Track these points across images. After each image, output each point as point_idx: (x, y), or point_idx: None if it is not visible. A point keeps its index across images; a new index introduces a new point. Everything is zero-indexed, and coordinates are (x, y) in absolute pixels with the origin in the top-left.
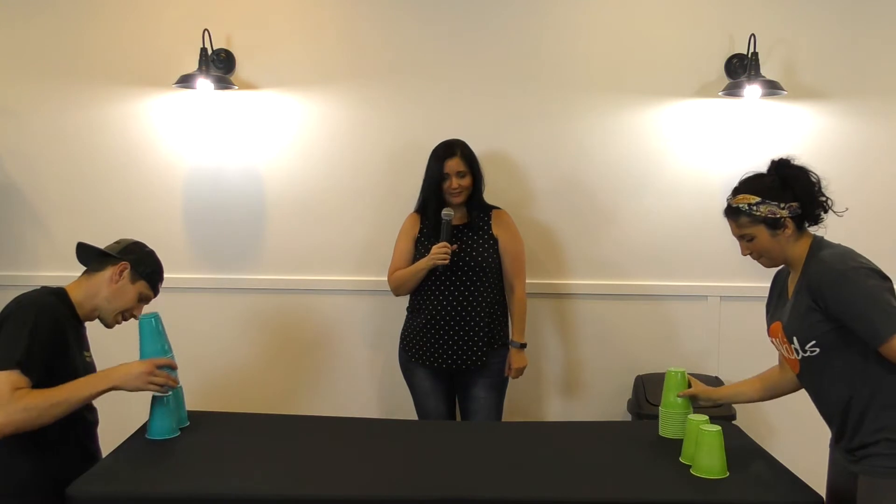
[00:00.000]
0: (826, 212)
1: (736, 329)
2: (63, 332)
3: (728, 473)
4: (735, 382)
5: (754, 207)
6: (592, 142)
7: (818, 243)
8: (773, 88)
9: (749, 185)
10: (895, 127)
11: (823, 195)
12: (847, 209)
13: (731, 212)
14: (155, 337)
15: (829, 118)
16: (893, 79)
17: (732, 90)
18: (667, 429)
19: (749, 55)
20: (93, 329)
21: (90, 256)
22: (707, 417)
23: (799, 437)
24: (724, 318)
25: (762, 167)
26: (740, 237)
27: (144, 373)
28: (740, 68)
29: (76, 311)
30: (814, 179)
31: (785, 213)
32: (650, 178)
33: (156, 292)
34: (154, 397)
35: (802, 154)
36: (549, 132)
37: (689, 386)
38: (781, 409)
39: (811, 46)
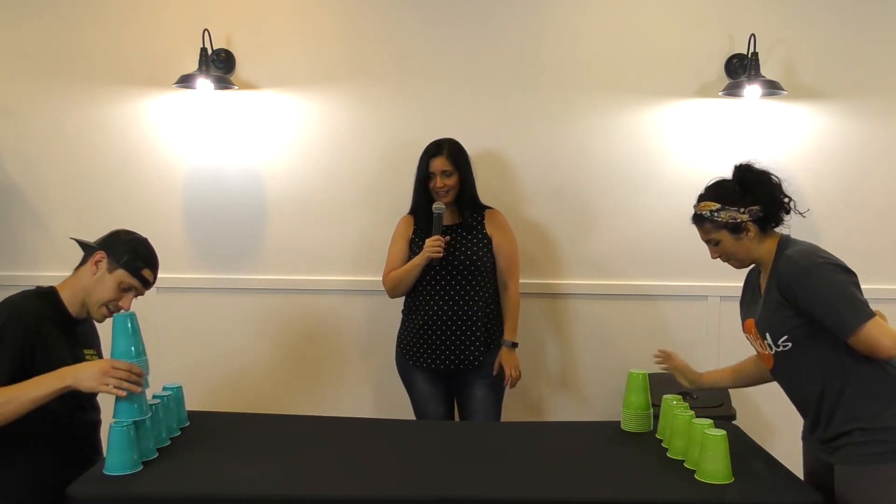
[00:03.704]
0: (788, 212)
1: (736, 329)
2: (38, 337)
3: (734, 479)
4: (709, 372)
5: (715, 214)
6: (592, 142)
7: (785, 242)
8: (773, 88)
9: (711, 192)
10: (895, 127)
11: (786, 196)
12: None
13: (696, 219)
14: (124, 336)
15: (829, 118)
16: (893, 79)
17: (732, 90)
18: (628, 425)
19: (749, 55)
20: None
21: (83, 250)
22: (711, 421)
23: (799, 437)
24: (724, 318)
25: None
26: (707, 242)
27: (100, 372)
28: (740, 68)
29: (67, 310)
30: (775, 182)
31: (745, 217)
32: (650, 178)
33: (142, 280)
34: (111, 428)
35: (803, 154)
36: (549, 132)
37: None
38: (781, 409)
39: (811, 46)
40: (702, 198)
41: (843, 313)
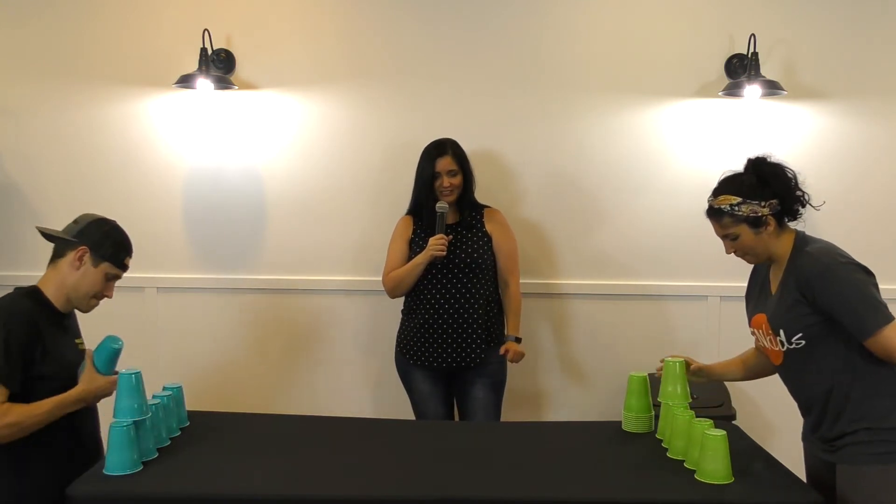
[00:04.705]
0: (804, 206)
1: (736, 329)
2: (38, 334)
3: (734, 479)
4: (720, 362)
5: (736, 207)
6: (592, 142)
7: (802, 238)
8: (773, 88)
9: (729, 185)
10: (895, 127)
11: (801, 190)
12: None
13: (714, 213)
14: (131, 393)
15: (829, 118)
16: (893, 79)
17: (732, 90)
18: (630, 427)
19: (749, 55)
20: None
21: (54, 241)
22: (711, 421)
23: (799, 437)
24: (724, 318)
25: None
26: (724, 236)
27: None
28: (740, 68)
29: (54, 306)
30: (790, 175)
31: (766, 210)
32: (650, 178)
33: (124, 268)
34: (111, 428)
35: (803, 154)
36: (549, 132)
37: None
38: (781, 409)
39: (811, 46)
40: (718, 191)
41: (862, 314)
